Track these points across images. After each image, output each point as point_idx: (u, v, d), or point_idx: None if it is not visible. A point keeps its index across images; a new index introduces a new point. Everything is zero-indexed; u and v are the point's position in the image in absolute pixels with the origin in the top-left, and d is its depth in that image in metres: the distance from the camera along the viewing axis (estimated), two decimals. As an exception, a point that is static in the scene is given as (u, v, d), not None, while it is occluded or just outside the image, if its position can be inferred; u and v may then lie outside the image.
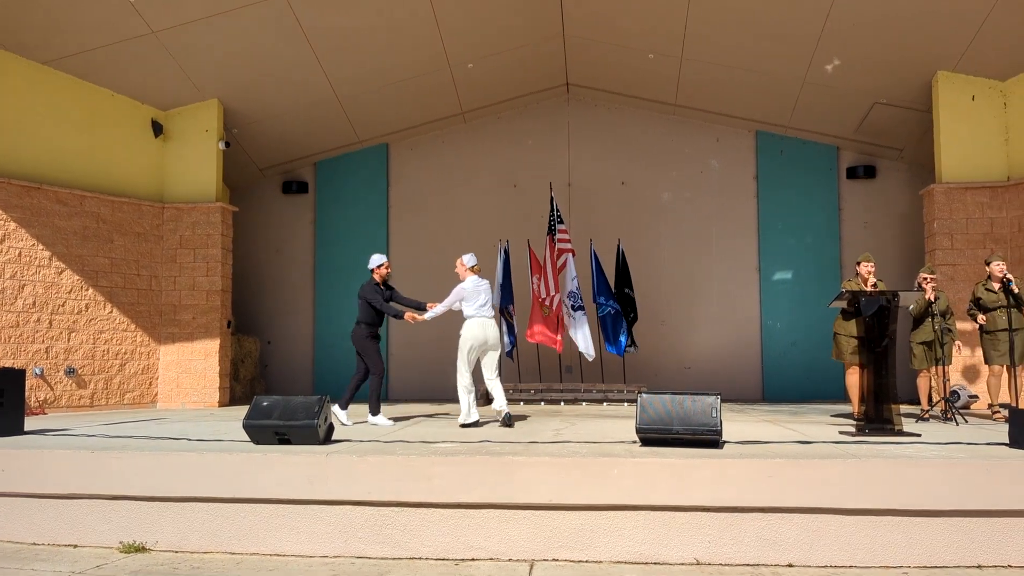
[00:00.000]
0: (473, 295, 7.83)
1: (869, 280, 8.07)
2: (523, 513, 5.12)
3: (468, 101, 13.23)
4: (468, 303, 7.83)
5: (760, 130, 13.25)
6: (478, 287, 7.88)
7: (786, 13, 10.24)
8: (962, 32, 9.88)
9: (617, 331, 11.61)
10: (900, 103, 11.50)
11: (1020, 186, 10.34)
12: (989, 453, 5.60)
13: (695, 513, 5.10)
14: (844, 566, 5.02)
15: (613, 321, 11.64)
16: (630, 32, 11.52)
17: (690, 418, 5.77)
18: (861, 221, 13.02)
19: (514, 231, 12.73)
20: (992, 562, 5.03)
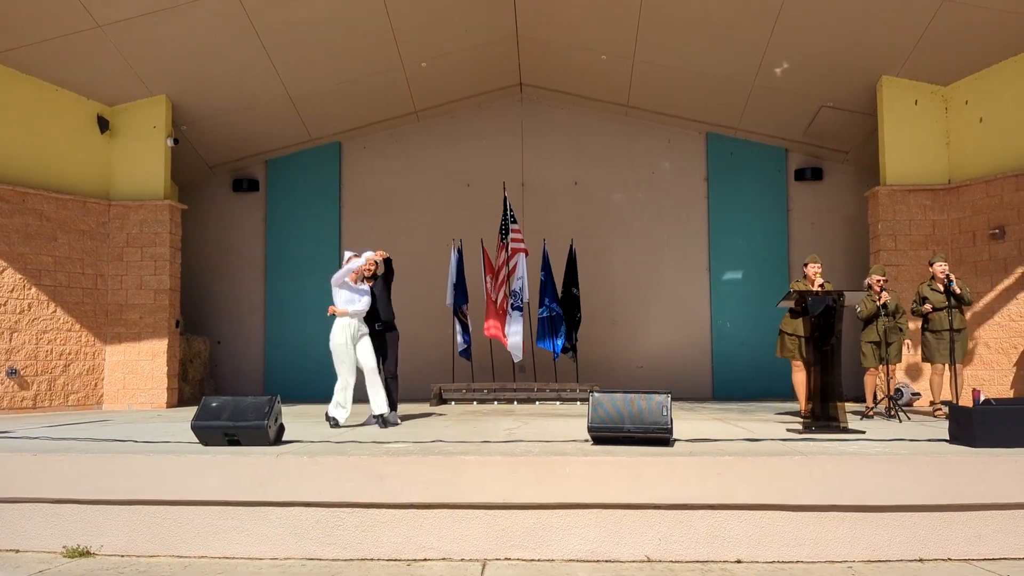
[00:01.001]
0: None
1: (816, 280, 8.23)
2: (476, 512, 5.12)
3: (421, 100, 13.18)
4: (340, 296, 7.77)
5: (711, 132, 13.44)
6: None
7: (736, 17, 10.40)
8: (905, 38, 10.13)
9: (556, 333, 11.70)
10: (846, 107, 11.76)
11: (961, 189, 10.65)
12: (930, 449, 5.76)
13: (646, 511, 5.14)
14: (791, 561, 5.11)
15: (552, 324, 11.72)
16: (583, 33, 11.59)
17: (641, 417, 5.82)
18: (809, 222, 13.29)
19: (468, 230, 12.72)
20: (933, 555, 5.17)
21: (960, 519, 5.20)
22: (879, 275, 8.63)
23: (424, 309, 12.93)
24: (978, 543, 5.19)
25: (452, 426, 7.76)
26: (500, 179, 12.82)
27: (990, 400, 6.20)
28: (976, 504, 5.21)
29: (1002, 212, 10.12)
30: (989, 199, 10.29)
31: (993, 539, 5.20)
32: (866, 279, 8.71)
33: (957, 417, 6.04)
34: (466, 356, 11.94)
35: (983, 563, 5.10)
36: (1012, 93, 10.08)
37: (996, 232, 10.16)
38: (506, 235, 11.86)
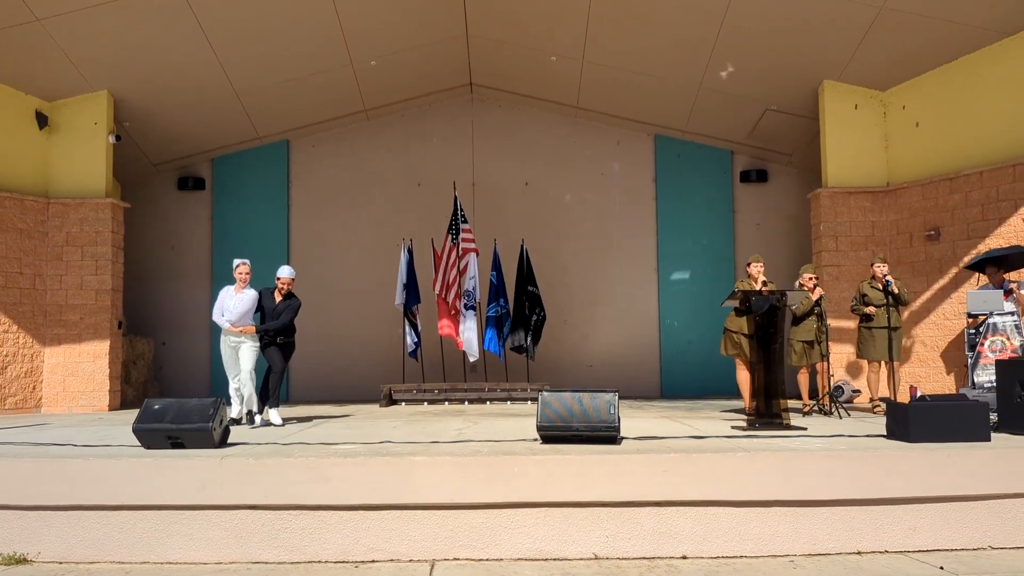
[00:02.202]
0: None
1: (759, 280, 8.39)
2: (424, 513, 5.12)
3: (371, 99, 13.10)
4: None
5: (659, 134, 13.60)
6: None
7: (683, 20, 10.54)
8: (846, 44, 10.39)
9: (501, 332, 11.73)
10: (790, 110, 12.01)
11: (898, 191, 10.95)
12: (868, 445, 5.91)
13: (594, 509, 5.20)
14: (735, 556, 5.21)
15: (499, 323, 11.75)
16: (532, 34, 11.64)
17: (589, 415, 5.88)
18: (754, 223, 13.53)
19: (418, 230, 12.67)
20: (871, 548, 5.32)
21: (896, 512, 5.36)
22: (811, 273, 8.84)
23: (374, 309, 12.87)
24: (914, 535, 5.36)
25: (401, 427, 7.73)
26: (451, 179, 12.80)
27: (925, 396, 6.40)
28: (912, 497, 5.37)
29: (937, 214, 10.44)
30: (925, 201, 10.61)
31: (928, 531, 5.37)
32: (797, 279, 8.89)
33: (893, 413, 6.22)
34: (414, 356, 11.90)
35: (918, 555, 5.27)
36: (946, 99, 10.40)
37: (932, 233, 10.47)
38: (457, 235, 11.85)
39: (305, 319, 8.38)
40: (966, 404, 6.08)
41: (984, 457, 5.49)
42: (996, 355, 8.17)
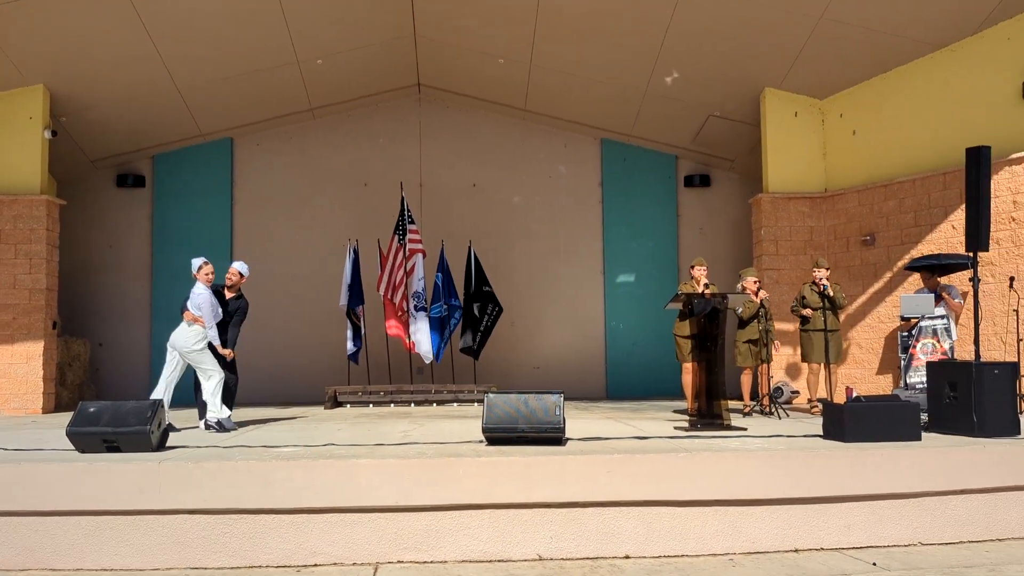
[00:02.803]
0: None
1: (701, 283, 8.54)
2: (368, 516, 5.09)
3: (317, 97, 12.97)
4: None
5: (605, 138, 13.73)
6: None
7: (629, 26, 10.67)
8: (786, 53, 10.63)
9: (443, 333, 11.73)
10: (732, 116, 12.24)
11: (836, 197, 11.24)
12: (805, 445, 6.06)
13: (538, 510, 5.23)
14: (676, 555, 5.30)
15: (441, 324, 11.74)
16: (481, 36, 11.66)
17: (535, 417, 5.91)
18: (697, 227, 13.75)
19: (364, 230, 12.57)
20: (807, 546, 5.45)
21: (832, 510, 5.50)
22: (754, 277, 9.02)
23: (319, 310, 12.72)
24: (848, 533, 5.51)
25: (346, 429, 7.67)
26: (398, 179, 12.73)
27: (860, 397, 6.58)
28: (846, 496, 5.52)
29: (873, 220, 10.74)
30: (861, 207, 10.91)
31: (862, 528, 5.53)
32: (739, 282, 9.06)
33: (830, 413, 6.38)
34: (354, 359, 11.78)
35: (852, 551, 5.42)
36: (881, 108, 10.72)
37: (867, 239, 10.77)
38: (403, 236, 11.79)
39: (249, 320, 8.21)
40: (898, 405, 6.28)
41: (915, 456, 5.67)
42: (927, 357, 8.45)
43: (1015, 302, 8.97)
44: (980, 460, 5.75)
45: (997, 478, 5.72)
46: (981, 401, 6.32)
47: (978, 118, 9.59)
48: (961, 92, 9.83)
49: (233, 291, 7.95)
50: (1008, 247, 9.29)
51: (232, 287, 7.95)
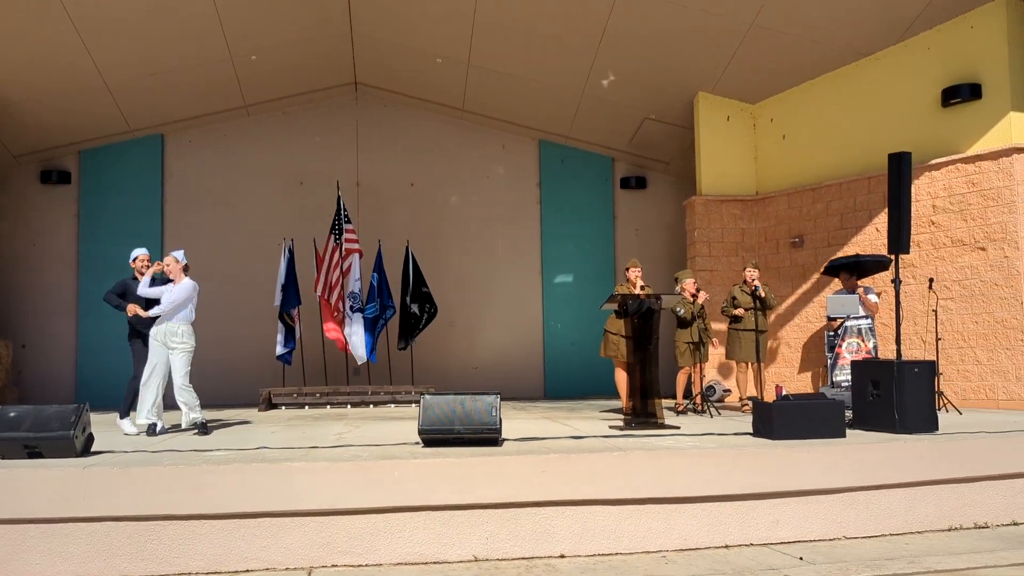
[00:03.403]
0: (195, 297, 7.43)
1: (637, 284, 8.66)
2: (301, 520, 5.02)
3: (252, 94, 12.74)
4: (192, 305, 7.42)
5: (543, 139, 13.81)
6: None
7: (565, 29, 10.76)
8: (719, 58, 10.86)
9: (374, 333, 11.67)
10: (667, 120, 12.44)
11: (766, 200, 11.53)
12: (736, 442, 6.18)
13: (474, 511, 5.23)
14: (611, 553, 5.36)
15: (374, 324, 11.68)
16: (418, 35, 11.61)
17: (471, 417, 5.91)
18: (633, 228, 13.94)
19: (299, 230, 12.41)
20: (737, 541, 5.57)
21: (761, 506, 5.64)
22: (692, 279, 9.20)
23: (253, 310, 12.50)
24: (776, 528, 5.65)
25: (280, 432, 7.55)
26: (334, 178, 12.59)
27: (788, 396, 6.76)
28: (774, 492, 5.66)
29: (801, 223, 11.05)
30: (791, 210, 11.21)
31: (790, 524, 5.68)
32: (677, 285, 9.22)
33: (759, 412, 6.53)
34: (285, 361, 11.61)
35: (781, 546, 5.56)
36: (810, 114, 11.03)
37: (796, 241, 11.07)
38: (340, 235, 11.67)
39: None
40: (824, 403, 6.46)
41: (839, 453, 5.85)
42: (852, 356, 8.72)
43: (934, 303, 9.33)
44: (901, 455, 5.96)
45: (916, 473, 5.94)
46: (902, 398, 6.55)
47: (901, 125, 9.94)
48: (885, 99, 10.18)
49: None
50: (928, 249, 9.65)
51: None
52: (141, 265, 7.74)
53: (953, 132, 9.50)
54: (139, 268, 7.72)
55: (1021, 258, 8.86)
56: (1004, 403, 8.94)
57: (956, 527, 6.01)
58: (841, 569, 4.97)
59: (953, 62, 9.54)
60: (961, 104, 9.41)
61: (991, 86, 9.21)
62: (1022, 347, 8.81)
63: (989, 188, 9.13)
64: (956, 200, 9.42)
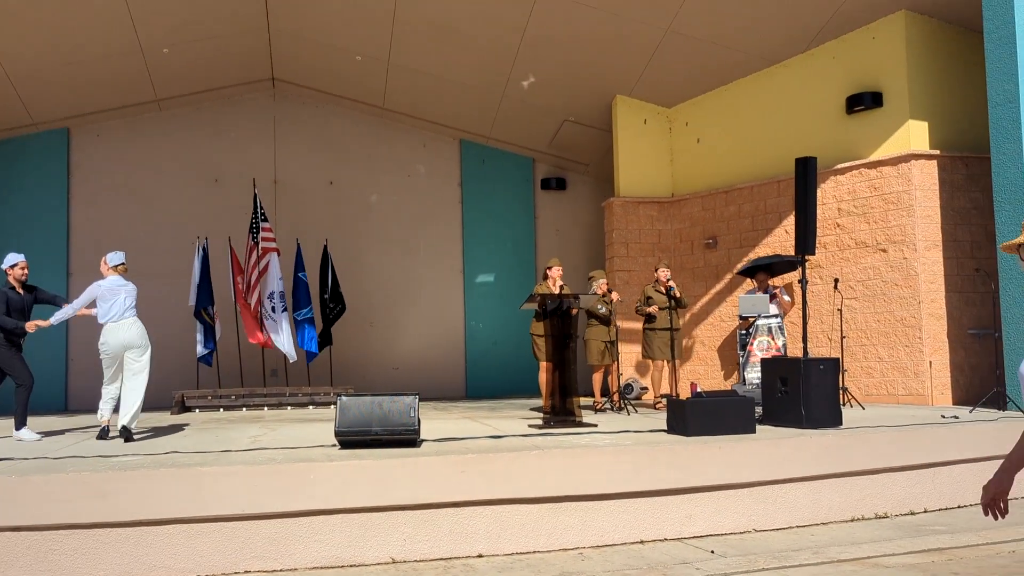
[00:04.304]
0: (109, 296, 7.15)
1: (556, 283, 8.75)
2: (213, 526, 4.91)
3: (164, 88, 12.36)
4: (102, 305, 7.15)
5: (464, 139, 13.81)
6: (116, 288, 7.18)
7: (485, 30, 10.79)
8: (636, 62, 11.06)
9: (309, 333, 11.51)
10: (586, 122, 12.60)
11: (682, 202, 11.79)
12: (651, 439, 6.32)
13: (392, 512, 5.21)
14: (529, 552, 5.41)
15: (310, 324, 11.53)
16: (337, 32, 11.46)
17: (389, 419, 5.88)
18: (553, 229, 14.07)
19: (215, 228, 12.10)
20: (652, 537, 5.69)
21: (674, 502, 5.77)
22: (604, 279, 9.35)
23: (166, 310, 12.08)
24: (690, 523, 5.80)
25: (192, 436, 7.37)
26: (250, 176, 12.34)
27: (701, 393, 6.93)
28: (688, 488, 5.81)
29: (715, 224, 11.34)
30: (705, 212, 11.50)
31: (702, 518, 5.83)
32: (593, 285, 9.35)
33: (673, 409, 6.69)
34: (207, 362, 11.33)
35: (693, 540, 5.71)
36: (723, 118, 11.34)
37: (710, 242, 11.36)
38: (257, 234, 11.43)
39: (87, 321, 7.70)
40: (735, 399, 6.65)
41: (749, 448, 6.04)
42: (763, 354, 9.00)
43: (839, 302, 9.70)
44: (806, 450, 6.19)
45: (822, 466, 6.18)
46: (808, 395, 6.80)
47: (808, 130, 10.31)
48: (793, 105, 10.54)
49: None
50: (834, 251, 10.03)
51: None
52: (20, 273, 7.35)
53: (857, 138, 9.90)
54: (17, 276, 7.32)
55: (919, 259, 9.30)
56: (903, 398, 9.36)
57: (858, 518, 6.28)
58: (750, 561, 5.13)
59: (857, 71, 9.94)
60: (864, 111, 9.81)
61: (891, 94, 9.63)
62: (920, 344, 9.25)
63: (890, 192, 9.54)
64: (860, 203, 9.82)
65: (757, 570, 4.93)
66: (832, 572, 4.90)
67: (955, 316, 9.37)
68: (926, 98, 9.56)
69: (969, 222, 9.53)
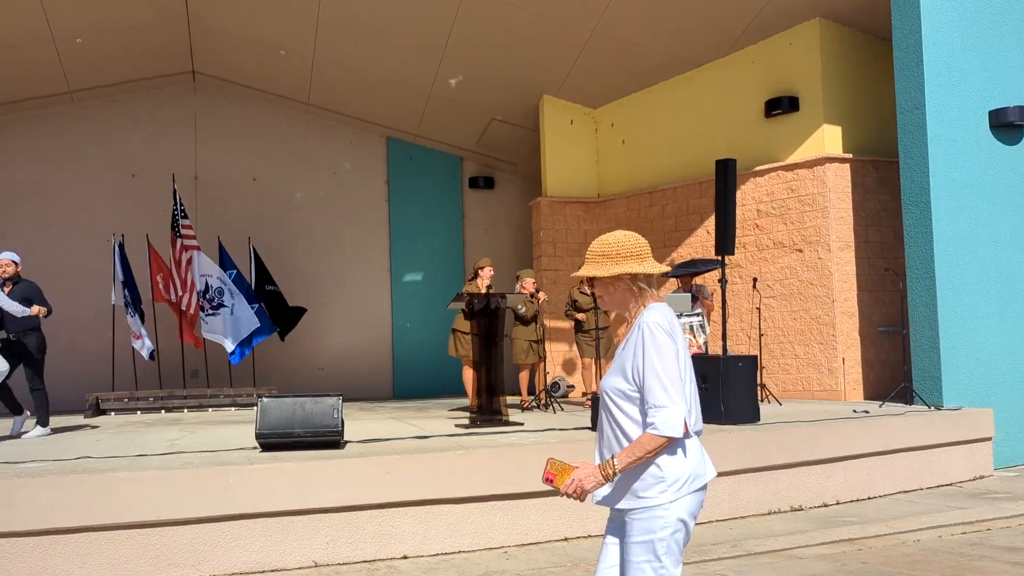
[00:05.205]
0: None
1: (484, 282, 8.76)
2: (127, 533, 4.76)
3: (77, 79, 11.91)
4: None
5: (391, 136, 13.70)
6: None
7: (412, 27, 10.72)
8: (562, 62, 11.15)
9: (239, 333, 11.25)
10: (514, 121, 12.65)
11: (608, 202, 11.95)
12: (575, 437, 6.39)
13: (314, 515, 5.14)
14: (454, 552, 5.41)
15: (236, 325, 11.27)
16: (260, 25, 11.23)
17: (312, 420, 5.79)
18: (482, 228, 14.08)
19: (132, 224, 11.72)
20: (576, 534, 5.75)
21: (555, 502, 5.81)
22: (532, 278, 9.41)
23: (78, 310, 11.68)
24: (612, 518, 5.87)
25: (105, 440, 7.12)
26: (170, 171, 11.99)
27: (625, 391, 7.02)
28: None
29: (640, 224, 11.51)
30: (630, 212, 11.67)
31: (624, 513, 5.90)
32: (518, 283, 9.40)
33: (596, 406, 6.76)
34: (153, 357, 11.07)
35: (616, 536, 5.78)
36: (647, 120, 11.53)
37: (636, 241, 11.53)
38: (178, 231, 11.13)
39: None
40: (658, 397, 6.75)
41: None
42: (685, 352, 9.17)
43: (758, 301, 9.97)
44: (726, 445, 6.35)
45: (740, 461, 6.35)
46: (727, 391, 6.97)
47: (729, 133, 10.56)
48: (715, 108, 10.79)
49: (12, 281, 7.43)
50: (753, 251, 10.30)
51: (11, 278, 7.43)
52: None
53: (775, 141, 10.19)
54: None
55: (833, 259, 9.63)
56: (819, 393, 9.68)
57: (775, 511, 6.47)
58: (671, 555, 5.22)
59: (775, 76, 10.23)
60: (782, 115, 10.10)
61: (807, 99, 9.94)
62: (833, 342, 9.58)
63: (806, 194, 9.85)
64: (777, 205, 10.11)
65: (677, 564, 5.03)
66: (749, 565, 5.04)
67: (866, 314, 9.73)
68: (840, 103, 9.90)
69: (879, 224, 9.91)
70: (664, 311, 2.50)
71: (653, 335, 2.42)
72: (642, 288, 2.54)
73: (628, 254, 2.54)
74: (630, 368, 2.46)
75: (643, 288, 2.54)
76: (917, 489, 7.27)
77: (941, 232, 8.39)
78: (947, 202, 8.45)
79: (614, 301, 2.60)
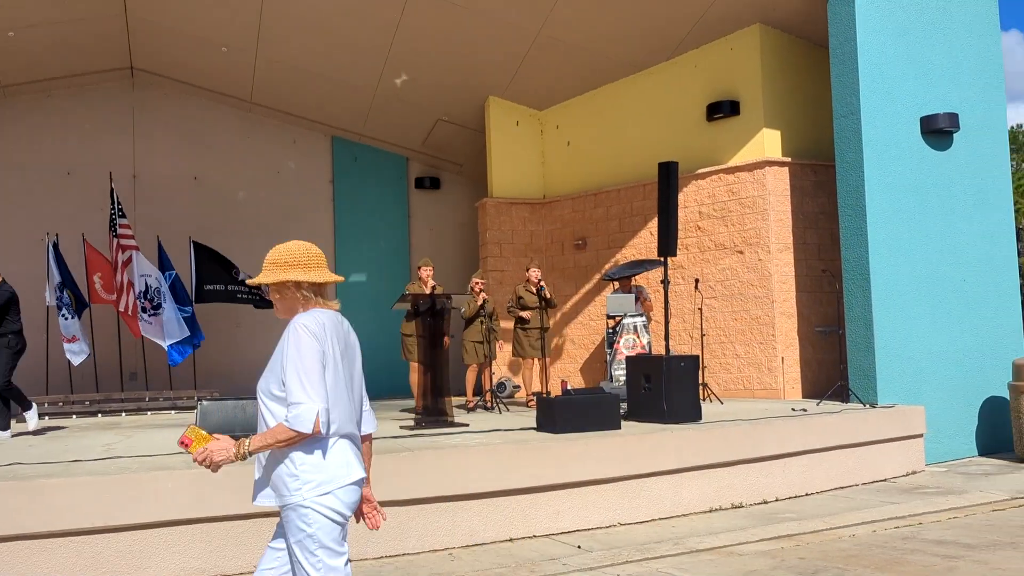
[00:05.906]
0: None
1: (428, 283, 8.74)
2: (59, 541, 4.63)
3: (8, 74, 11.53)
4: None
5: (336, 136, 13.57)
6: None
7: (356, 26, 10.64)
8: (508, 63, 11.18)
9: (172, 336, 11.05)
10: (460, 122, 12.64)
11: (553, 204, 12.02)
12: (520, 438, 6.41)
13: (256, 520, 5.07)
14: (397, 555, 5.39)
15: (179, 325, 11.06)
16: (201, 21, 11.01)
17: (254, 423, 5.70)
18: (428, 228, 14.03)
19: (68, 224, 11.39)
20: (521, 534, 5.78)
21: (543, 499, 5.88)
22: (479, 278, 9.44)
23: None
24: (558, 519, 5.92)
25: (38, 445, 6.91)
26: (107, 169, 11.69)
27: (571, 390, 7.10)
28: (555, 484, 5.93)
29: (584, 226, 11.62)
30: (575, 214, 11.76)
31: (569, 514, 5.97)
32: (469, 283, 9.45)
33: (542, 407, 6.81)
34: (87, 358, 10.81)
35: (562, 536, 5.84)
36: (592, 122, 11.63)
37: (579, 243, 11.63)
38: (115, 231, 10.86)
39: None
40: (601, 396, 6.85)
41: (614, 444, 6.23)
42: (629, 352, 9.29)
43: (700, 301, 10.14)
44: (668, 444, 6.44)
45: (682, 460, 6.45)
46: (670, 391, 7.07)
47: (672, 135, 10.71)
48: (658, 111, 10.93)
49: None
50: (695, 252, 10.47)
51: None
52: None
53: (717, 144, 10.37)
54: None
55: (772, 261, 9.83)
56: (759, 392, 9.88)
57: (716, 508, 6.59)
58: (615, 554, 5.29)
59: (716, 80, 10.41)
60: (723, 119, 10.28)
61: (747, 103, 10.14)
62: (773, 341, 9.78)
63: (746, 197, 10.04)
64: (719, 207, 10.29)
65: (621, 563, 5.10)
66: (691, 562, 5.12)
67: (804, 314, 9.96)
68: (779, 108, 10.12)
69: (817, 226, 10.16)
70: (320, 316, 2.65)
71: (298, 335, 2.57)
72: (307, 296, 2.71)
73: (295, 263, 2.69)
74: (280, 369, 2.59)
75: (308, 296, 2.71)
76: (853, 485, 7.47)
77: (876, 235, 8.63)
78: (881, 205, 8.71)
79: (283, 307, 2.77)
